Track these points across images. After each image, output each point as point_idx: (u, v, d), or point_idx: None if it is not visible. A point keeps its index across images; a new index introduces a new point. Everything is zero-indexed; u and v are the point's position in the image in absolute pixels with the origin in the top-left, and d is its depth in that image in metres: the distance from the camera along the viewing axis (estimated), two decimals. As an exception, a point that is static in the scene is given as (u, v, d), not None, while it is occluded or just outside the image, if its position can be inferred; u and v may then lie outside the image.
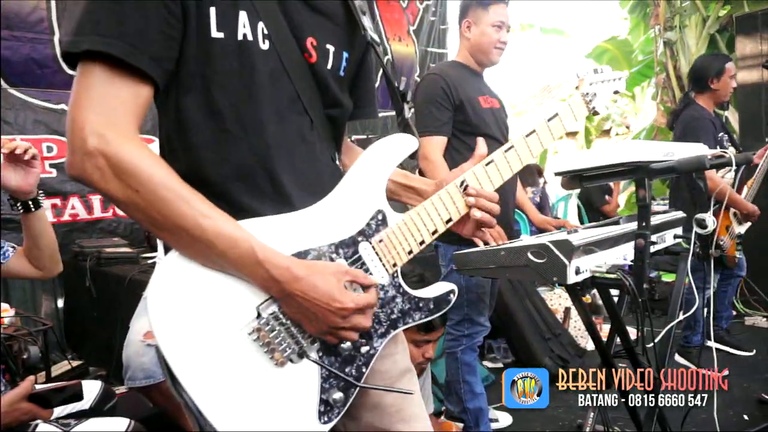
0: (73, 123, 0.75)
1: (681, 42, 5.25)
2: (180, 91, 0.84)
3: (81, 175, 0.76)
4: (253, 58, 0.85)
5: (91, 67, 0.76)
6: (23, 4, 3.60)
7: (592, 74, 1.21)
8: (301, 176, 0.91)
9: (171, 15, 0.79)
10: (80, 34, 0.75)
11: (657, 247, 1.96)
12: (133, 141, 0.76)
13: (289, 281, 0.80)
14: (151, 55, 0.77)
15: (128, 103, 0.77)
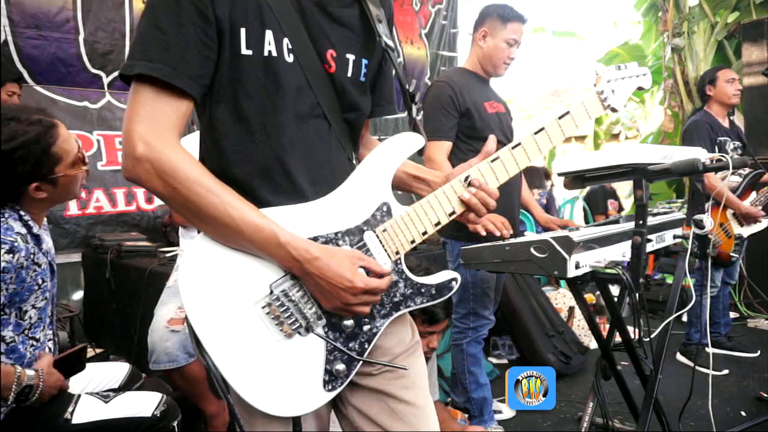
0: (126, 133, 0.89)
1: (689, 48, 5.31)
2: (213, 100, 0.97)
3: (132, 176, 0.91)
4: (278, 71, 0.96)
5: (141, 87, 0.90)
6: (51, 5, 3.74)
7: (613, 71, 1.20)
8: (316, 174, 1.02)
9: (208, 38, 0.91)
10: (132, 59, 0.89)
11: (657, 246, 2.05)
12: (173, 147, 0.90)
13: (308, 261, 0.92)
14: (190, 76, 0.90)
15: (171, 116, 0.91)
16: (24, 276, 1.43)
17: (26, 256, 1.42)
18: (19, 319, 1.46)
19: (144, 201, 4.18)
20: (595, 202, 5.47)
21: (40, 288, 1.49)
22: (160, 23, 0.89)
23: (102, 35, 3.98)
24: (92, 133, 3.99)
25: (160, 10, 0.89)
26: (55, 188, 1.50)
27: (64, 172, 1.49)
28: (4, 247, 1.36)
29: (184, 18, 0.89)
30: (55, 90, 3.80)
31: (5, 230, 1.40)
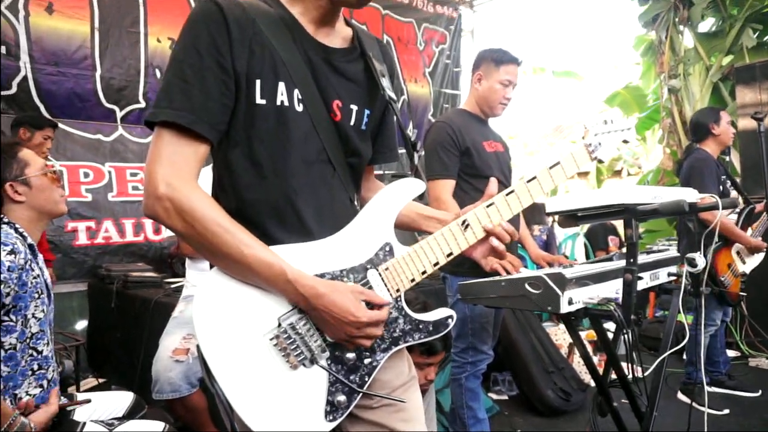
0: (148, 174, 0.97)
1: (686, 89, 5.44)
2: (229, 144, 1.05)
3: (152, 214, 0.98)
4: (289, 119, 1.05)
5: (164, 132, 0.98)
6: (70, 43, 3.92)
7: (600, 125, 1.30)
8: (322, 214, 1.10)
9: (227, 89, 1.00)
10: (158, 107, 0.98)
11: (650, 283, 2.10)
12: (192, 188, 0.98)
13: (314, 297, 0.99)
14: (209, 122, 0.99)
15: (190, 159, 0.99)
16: (25, 279, 1.50)
17: (25, 259, 1.50)
18: (23, 327, 1.52)
19: (152, 232, 4.26)
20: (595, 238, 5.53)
21: (39, 297, 1.56)
22: (185, 75, 0.98)
23: (117, 71, 4.15)
24: (104, 165, 4.11)
25: (185, 64, 0.98)
26: (30, 190, 1.62)
27: (34, 174, 1.63)
28: (6, 248, 1.45)
29: (207, 71, 0.98)
30: (70, 123, 3.94)
31: (6, 235, 1.49)
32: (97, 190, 4.04)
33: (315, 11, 1.10)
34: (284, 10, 1.09)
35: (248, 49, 1.01)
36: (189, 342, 2.21)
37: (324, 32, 1.12)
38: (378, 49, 1.25)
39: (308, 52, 1.09)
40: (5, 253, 1.44)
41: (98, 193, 4.05)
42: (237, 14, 1.00)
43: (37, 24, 3.79)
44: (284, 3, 1.10)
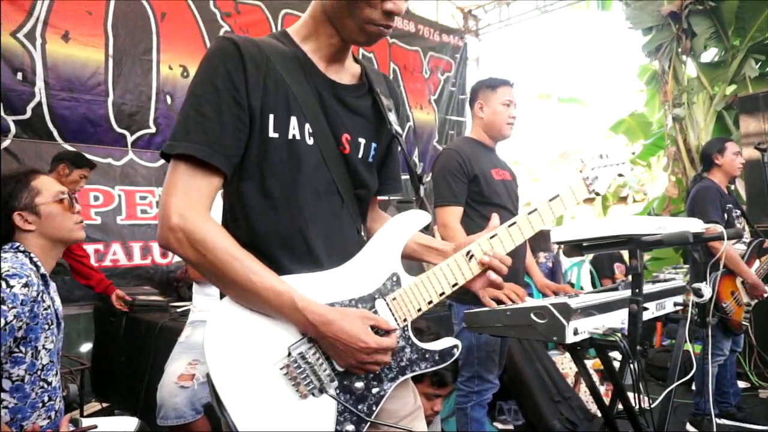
0: (162, 205, 1.00)
1: (690, 118, 5.49)
2: (242, 176, 1.08)
3: (166, 244, 1.01)
4: (300, 152, 1.09)
5: (179, 164, 1.01)
6: (85, 69, 4.02)
7: (596, 159, 1.35)
8: (331, 245, 1.13)
9: (242, 123, 1.04)
10: (175, 140, 1.01)
11: (656, 313, 2.10)
12: (204, 219, 1.00)
13: (323, 324, 1.01)
14: (225, 155, 1.02)
15: (204, 191, 1.02)
16: (36, 311, 1.50)
17: (37, 291, 1.51)
18: (33, 358, 1.52)
19: (159, 255, 4.29)
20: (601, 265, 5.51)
21: (49, 329, 1.56)
22: (202, 109, 1.01)
23: (129, 98, 4.24)
24: (114, 189, 4.17)
25: (203, 98, 1.02)
26: (39, 219, 1.62)
27: (44, 203, 1.63)
28: (21, 281, 1.45)
29: (223, 105, 1.02)
30: (82, 148, 4.00)
31: (21, 265, 1.50)
32: (106, 214, 4.09)
33: (326, 49, 1.14)
34: (297, 48, 1.13)
35: (263, 85, 1.05)
36: (194, 368, 2.21)
37: (334, 69, 1.16)
38: (385, 85, 1.29)
39: (319, 88, 1.13)
40: (20, 285, 1.45)
41: (107, 216, 4.10)
42: (252, 52, 1.05)
43: (54, 51, 3.89)
44: (297, 41, 1.14)
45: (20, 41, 3.76)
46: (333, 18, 1.10)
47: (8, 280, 1.43)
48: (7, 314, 1.40)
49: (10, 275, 1.45)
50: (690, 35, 5.45)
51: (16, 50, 3.75)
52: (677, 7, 5.35)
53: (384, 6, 1.04)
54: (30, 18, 3.79)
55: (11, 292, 1.42)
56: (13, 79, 3.74)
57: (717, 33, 5.44)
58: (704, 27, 5.39)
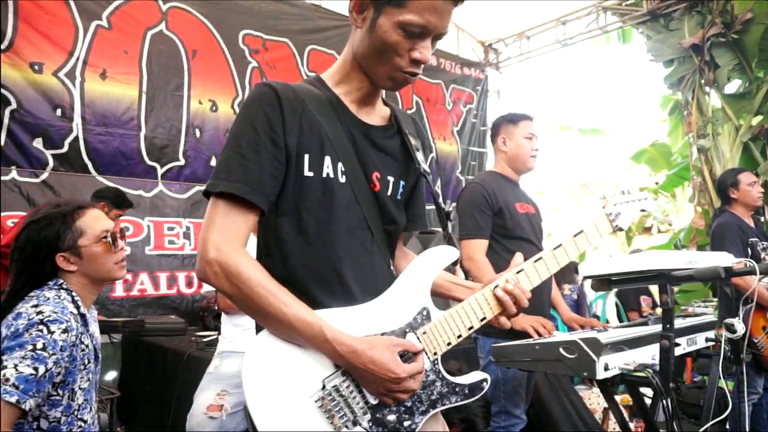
0: (201, 240, 1.06)
1: (715, 148, 5.44)
2: (278, 213, 1.14)
3: (204, 277, 1.06)
4: (334, 190, 1.14)
5: (219, 202, 1.08)
6: (119, 105, 4.19)
7: (618, 195, 1.40)
8: (363, 279, 1.17)
9: (279, 163, 1.10)
10: (217, 179, 1.08)
11: (688, 349, 2.06)
12: (240, 253, 1.06)
13: (351, 354, 1.04)
14: (263, 193, 1.08)
15: (241, 226, 1.08)
16: (75, 355, 1.52)
17: (76, 335, 1.52)
18: (70, 400, 1.53)
19: (185, 285, 4.37)
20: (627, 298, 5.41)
21: (86, 368, 1.58)
22: (242, 150, 1.08)
23: (161, 131, 4.39)
24: (144, 219, 4.28)
25: (243, 140, 1.09)
26: (81, 260, 1.62)
27: (86, 245, 1.63)
28: (61, 326, 1.46)
29: (261, 147, 1.08)
30: (114, 180, 4.15)
31: (62, 309, 1.51)
32: (135, 244, 4.19)
33: (357, 92, 1.21)
34: (330, 92, 1.20)
35: (298, 126, 1.11)
36: (223, 398, 2.23)
37: (365, 111, 1.23)
38: (412, 126, 1.35)
39: (351, 129, 1.19)
40: (60, 331, 1.45)
41: (137, 246, 4.20)
42: (289, 96, 1.12)
43: (91, 89, 4.07)
44: (330, 85, 1.21)
45: (61, 80, 3.95)
46: (364, 64, 1.16)
47: (49, 326, 1.44)
48: (47, 361, 1.40)
49: (51, 320, 1.45)
50: (713, 67, 5.44)
51: (57, 88, 3.93)
52: (699, 40, 5.37)
53: (412, 55, 1.10)
54: (71, 58, 3.99)
55: (51, 339, 1.42)
56: (52, 115, 3.91)
57: (740, 65, 5.42)
58: (727, 59, 5.38)
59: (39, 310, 1.46)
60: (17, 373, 1.34)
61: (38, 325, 1.42)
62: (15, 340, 1.40)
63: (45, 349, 1.40)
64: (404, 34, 1.08)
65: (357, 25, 1.14)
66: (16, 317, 1.46)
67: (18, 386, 1.33)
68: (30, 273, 1.58)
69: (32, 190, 3.82)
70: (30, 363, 1.37)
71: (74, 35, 4.00)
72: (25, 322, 1.43)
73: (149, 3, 4.37)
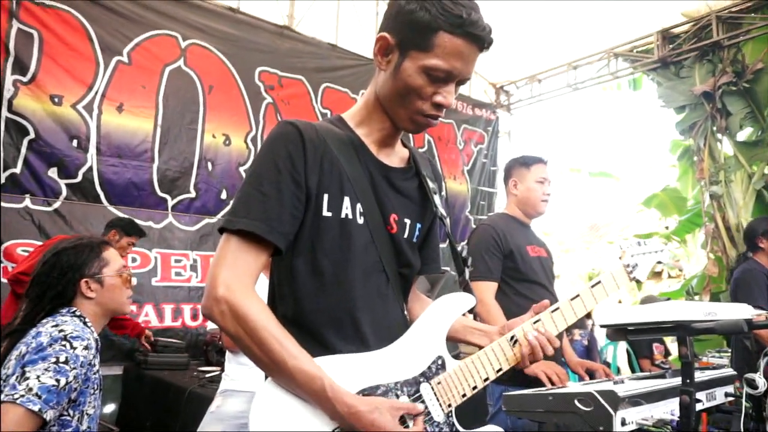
0: (211, 276, 1.03)
1: (727, 196, 5.41)
2: (294, 254, 1.11)
3: (209, 314, 1.03)
4: (351, 231, 1.12)
5: (233, 238, 1.05)
6: (134, 137, 4.25)
7: (634, 246, 1.38)
8: (377, 324, 1.13)
9: (299, 201, 1.08)
10: (235, 215, 1.05)
11: (707, 404, 1.98)
12: (249, 294, 1.02)
13: (351, 416, 0.98)
14: (281, 232, 1.06)
15: (251, 265, 1.04)
16: (89, 375, 1.54)
17: (94, 355, 1.57)
18: (79, 423, 1.52)
19: (190, 318, 4.32)
20: (639, 345, 5.26)
21: (94, 393, 1.58)
22: (263, 188, 1.06)
23: (173, 164, 4.43)
24: (151, 251, 4.27)
25: (264, 177, 1.07)
26: (102, 288, 1.69)
27: (110, 274, 1.71)
28: (83, 343, 1.51)
29: (283, 185, 1.06)
30: (125, 210, 4.18)
31: (82, 328, 1.56)
32: (142, 275, 4.17)
33: (378, 134, 1.20)
34: (351, 132, 1.19)
35: (319, 166, 1.10)
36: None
37: (385, 153, 1.22)
38: (430, 169, 1.34)
39: (371, 169, 1.17)
40: (81, 347, 1.49)
41: (143, 277, 4.18)
42: (311, 135, 1.10)
43: (107, 121, 4.14)
44: (351, 125, 1.21)
45: (79, 112, 4.02)
46: (386, 106, 1.16)
47: (72, 342, 1.49)
48: (68, 374, 1.44)
49: (74, 337, 1.50)
50: (725, 114, 5.46)
51: (74, 120, 4.00)
52: (710, 87, 5.41)
53: (434, 99, 1.10)
54: (90, 92, 4.08)
55: (74, 353, 1.47)
56: (69, 146, 3.97)
57: (752, 113, 5.44)
58: (739, 107, 5.40)
59: (61, 329, 1.52)
60: (40, 384, 1.39)
61: (61, 341, 1.48)
62: (38, 354, 1.45)
63: (67, 363, 1.45)
64: (428, 78, 1.08)
65: (381, 67, 1.14)
66: (36, 335, 1.51)
67: (40, 396, 1.38)
68: (50, 297, 1.63)
69: (43, 219, 3.84)
70: (52, 375, 1.41)
71: (95, 70, 4.10)
72: (48, 339, 1.48)
73: (169, 39, 4.48)
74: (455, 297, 1.18)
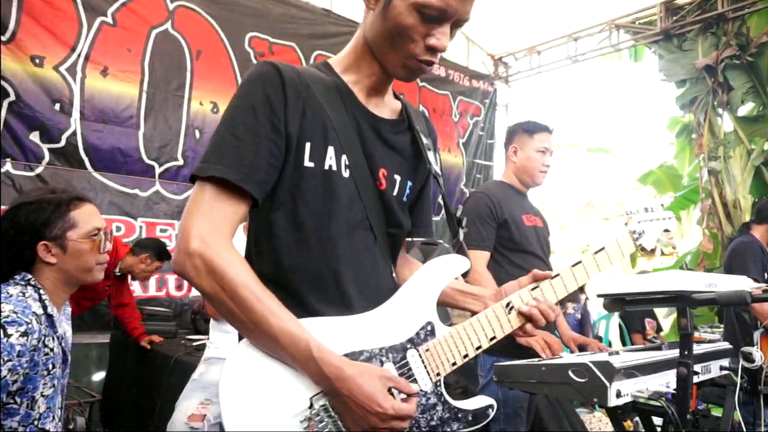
0: (182, 228, 0.93)
1: (726, 172, 5.34)
2: (273, 206, 1.02)
3: (181, 271, 0.93)
4: (335, 184, 1.02)
5: (207, 187, 0.95)
6: (119, 102, 4.11)
7: (642, 213, 1.30)
8: (363, 284, 1.05)
9: (277, 149, 0.98)
10: (207, 162, 0.95)
11: (702, 377, 1.93)
12: (226, 247, 0.93)
13: (339, 379, 0.90)
14: (258, 181, 0.96)
15: (229, 216, 0.95)
16: (36, 359, 1.39)
17: (38, 338, 1.39)
18: (29, 409, 1.40)
19: (174, 288, 4.25)
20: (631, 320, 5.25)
21: (50, 374, 1.44)
22: (237, 132, 0.96)
23: (160, 130, 4.31)
24: (136, 220, 4.18)
25: (239, 121, 0.97)
26: (64, 254, 1.49)
27: (75, 239, 1.50)
28: (20, 329, 1.33)
29: (260, 129, 0.96)
30: (111, 177, 4.07)
31: (23, 309, 1.38)
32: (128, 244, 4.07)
33: (367, 81, 1.10)
34: (338, 78, 1.09)
35: (301, 111, 1.00)
36: (206, 408, 2.11)
37: (374, 102, 1.12)
38: (424, 124, 1.24)
39: (358, 119, 1.08)
40: (18, 335, 1.33)
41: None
42: (293, 78, 1.00)
43: (91, 85, 4.00)
44: (338, 71, 1.10)
45: (61, 74, 3.88)
46: (375, 50, 1.06)
47: (6, 328, 1.31)
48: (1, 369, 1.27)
49: (9, 322, 1.33)
50: (726, 89, 5.36)
51: (57, 82, 3.86)
52: (712, 61, 5.29)
53: (427, 41, 1.00)
54: (72, 53, 3.92)
55: (8, 343, 1.30)
56: (51, 109, 3.83)
57: (754, 88, 5.34)
58: (741, 81, 5.29)
59: None
60: None
61: None
62: None
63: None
64: (420, 17, 0.97)
65: (370, 6, 1.04)
66: None
67: None
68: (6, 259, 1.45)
69: (26, 184, 3.73)
70: None
71: (77, 30, 3.93)
72: None
73: (156, 1, 4.30)
74: (448, 259, 1.10)
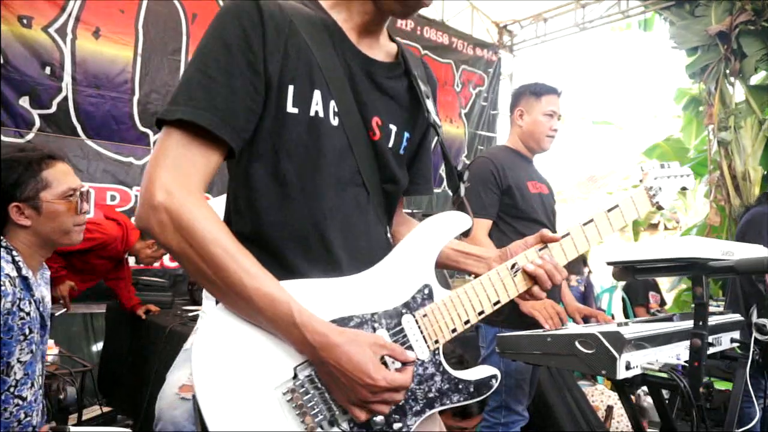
0: (147, 178, 0.82)
1: (736, 142, 5.20)
2: (252, 157, 0.91)
3: (144, 225, 0.82)
4: (322, 132, 0.91)
5: (174, 132, 0.83)
6: (113, 67, 3.97)
7: (657, 169, 1.21)
8: (353, 244, 0.95)
9: (255, 91, 0.87)
10: (175, 104, 0.84)
11: (713, 350, 1.86)
12: (196, 200, 0.82)
13: (324, 348, 0.81)
14: (234, 127, 0.85)
15: (199, 166, 0.84)
16: (11, 324, 1.32)
17: (12, 301, 1.32)
18: (5, 375, 1.34)
19: (168, 258, 4.17)
20: (635, 293, 5.20)
21: (26, 339, 1.38)
22: (209, 70, 0.84)
23: (155, 96, 4.17)
24: (132, 189, 4.08)
25: (211, 57, 0.85)
26: (38, 216, 1.43)
27: (49, 200, 1.44)
28: None
29: (235, 68, 0.85)
30: (105, 145, 3.95)
31: None
32: (137, 231, 4.00)
33: (359, 18, 0.98)
34: (326, 14, 0.97)
35: (283, 50, 0.88)
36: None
37: (367, 42, 1.00)
38: (423, 70, 1.13)
39: (349, 61, 0.96)
40: None
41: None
42: (274, 12, 0.88)
43: (83, 47, 3.85)
44: (326, 7, 0.98)
45: (51, 36, 3.73)
46: None
47: None
48: None
49: None
50: (739, 56, 5.17)
51: (47, 44, 3.71)
52: (726, 27, 5.09)
53: None
54: (63, 14, 3.77)
55: None
56: (41, 73, 3.70)
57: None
58: (755, 48, 5.10)
59: None
60: None
61: None
62: None
63: None
64: None
65: None
66: None
67: None
68: None
69: (16, 151, 3.62)
70: None
71: (67, -11, 3.78)
72: None
73: (149, -39, 4.13)
74: (447, 216, 1.00)
